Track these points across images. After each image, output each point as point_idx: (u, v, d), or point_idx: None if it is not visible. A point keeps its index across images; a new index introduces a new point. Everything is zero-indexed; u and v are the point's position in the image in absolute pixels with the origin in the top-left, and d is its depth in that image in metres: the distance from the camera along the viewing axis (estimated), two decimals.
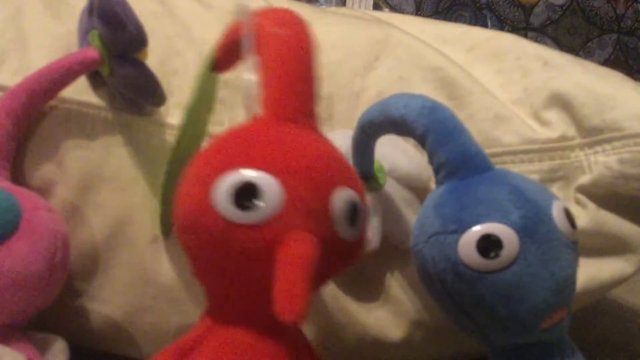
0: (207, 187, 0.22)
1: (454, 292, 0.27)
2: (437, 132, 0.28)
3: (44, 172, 0.33)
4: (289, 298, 0.20)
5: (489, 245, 0.25)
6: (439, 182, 0.29)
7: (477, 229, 0.26)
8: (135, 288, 0.34)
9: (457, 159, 0.28)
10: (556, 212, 0.26)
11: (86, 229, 0.33)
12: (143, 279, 0.33)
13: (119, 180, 0.33)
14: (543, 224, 0.26)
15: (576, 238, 0.27)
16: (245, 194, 0.22)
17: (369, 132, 0.31)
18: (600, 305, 0.40)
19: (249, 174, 0.22)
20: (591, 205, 0.34)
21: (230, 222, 0.22)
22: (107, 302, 0.34)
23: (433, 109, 0.28)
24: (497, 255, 0.25)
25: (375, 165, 0.33)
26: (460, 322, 0.28)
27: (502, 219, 0.26)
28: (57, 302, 0.31)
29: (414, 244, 0.28)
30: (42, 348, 0.29)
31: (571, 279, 0.27)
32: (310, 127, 0.26)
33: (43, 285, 0.29)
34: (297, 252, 0.21)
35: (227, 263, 0.23)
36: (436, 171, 0.29)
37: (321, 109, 0.36)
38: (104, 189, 0.33)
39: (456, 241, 0.26)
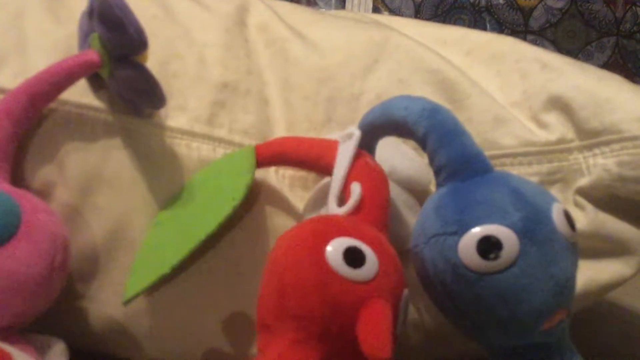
0: (320, 252, 0.25)
1: (453, 293, 0.27)
2: (437, 134, 0.28)
3: (44, 174, 0.33)
4: (379, 341, 0.24)
5: (489, 246, 0.25)
6: (439, 184, 0.29)
7: (477, 231, 0.26)
8: None
9: (458, 160, 0.28)
10: (556, 214, 0.26)
11: (86, 231, 0.33)
12: None
13: (118, 183, 0.33)
14: (543, 225, 0.26)
15: (576, 240, 0.27)
16: (353, 256, 0.25)
17: (370, 133, 0.31)
18: (598, 307, 0.40)
19: (352, 241, 0.26)
20: (590, 208, 0.34)
21: (344, 279, 0.25)
22: (107, 304, 0.34)
23: (434, 111, 0.28)
24: (497, 257, 0.25)
25: None
26: (459, 324, 0.28)
27: (502, 220, 0.26)
28: (57, 304, 0.31)
29: (413, 245, 0.28)
30: (42, 350, 0.29)
31: (571, 280, 0.27)
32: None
33: (43, 288, 0.29)
34: (384, 310, 0.25)
35: (328, 316, 0.25)
36: (436, 173, 0.29)
37: (321, 112, 0.37)
38: (104, 191, 0.33)
39: (456, 242, 0.26)
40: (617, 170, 0.33)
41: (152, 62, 0.33)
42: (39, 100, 0.32)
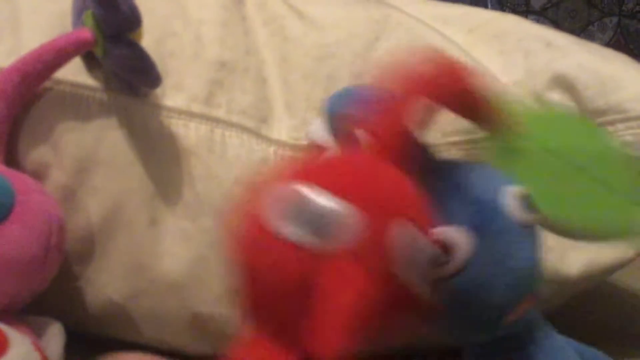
0: (258, 207, 0.21)
1: None
2: None
3: (38, 155, 0.33)
4: (326, 336, 0.19)
5: (442, 251, 0.24)
6: None
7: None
8: (132, 272, 0.33)
9: None
10: (508, 201, 0.25)
11: (82, 212, 0.33)
12: (140, 262, 0.33)
13: (115, 163, 0.33)
14: (494, 219, 0.25)
15: (533, 221, 0.26)
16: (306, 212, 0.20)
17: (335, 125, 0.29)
18: (600, 289, 0.40)
19: (299, 190, 0.20)
20: None
21: (287, 241, 0.20)
22: (104, 285, 0.33)
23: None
24: (451, 260, 0.24)
25: None
26: (427, 326, 0.27)
27: (451, 221, 0.24)
28: (54, 285, 0.31)
29: None
30: (38, 331, 0.29)
31: (532, 268, 0.26)
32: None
33: (38, 269, 0.29)
34: (345, 288, 0.20)
35: (278, 287, 0.21)
36: None
37: (320, 90, 0.36)
38: (100, 172, 0.33)
39: None
40: None
41: (148, 40, 0.32)
42: (32, 80, 0.32)
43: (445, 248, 0.24)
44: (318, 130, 0.28)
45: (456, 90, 0.24)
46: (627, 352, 0.35)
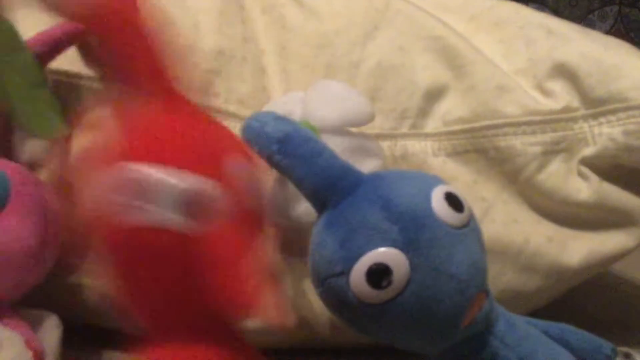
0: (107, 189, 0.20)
1: (364, 328, 0.26)
2: (296, 164, 0.26)
3: (34, 145, 0.33)
4: (237, 293, 0.19)
5: (378, 276, 0.24)
6: (317, 216, 0.27)
7: (362, 264, 0.24)
8: None
9: (322, 187, 0.26)
10: (436, 206, 0.25)
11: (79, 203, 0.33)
12: None
13: None
14: (424, 229, 0.24)
15: (465, 219, 0.25)
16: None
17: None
18: (599, 278, 0.40)
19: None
20: (594, 178, 0.34)
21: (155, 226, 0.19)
22: (102, 277, 0.33)
23: (284, 142, 0.26)
24: (390, 282, 0.23)
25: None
26: (386, 343, 0.27)
27: (382, 242, 0.24)
28: (50, 277, 0.31)
29: (314, 287, 0.27)
30: (35, 324, 0.29)
31: (474, 266, 0.25)
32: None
33: (35, 261, 0.29)
34: (231, 248, 0.20)
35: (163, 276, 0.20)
36: (312, 205, 0.27)
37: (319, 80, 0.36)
38: None
39: (347, 282, 0.24)
40: (623, 140, 0.33)
41: None
42: None
43: (385, 270, 0.24)
44: None
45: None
46: (627, 342, 0.35)
